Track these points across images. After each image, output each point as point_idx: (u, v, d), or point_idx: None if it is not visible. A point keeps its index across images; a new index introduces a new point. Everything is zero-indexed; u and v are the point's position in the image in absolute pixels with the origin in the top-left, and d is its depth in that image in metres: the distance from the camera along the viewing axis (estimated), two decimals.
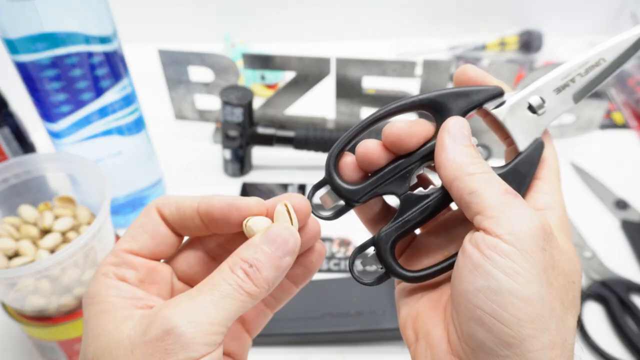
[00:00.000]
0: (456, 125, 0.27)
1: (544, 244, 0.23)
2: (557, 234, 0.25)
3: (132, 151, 0.61)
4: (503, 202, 0.24)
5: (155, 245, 0.27)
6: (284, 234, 0.25)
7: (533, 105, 0.28)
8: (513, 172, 0.28)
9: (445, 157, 0.26)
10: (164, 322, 0.22)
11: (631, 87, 0.87)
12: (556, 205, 0.27)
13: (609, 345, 0.53)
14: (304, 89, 0.73)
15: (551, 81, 0.28)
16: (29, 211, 0.49)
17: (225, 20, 1.01)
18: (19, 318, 0.48)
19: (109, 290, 0.25)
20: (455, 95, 0.28)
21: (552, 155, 0.28)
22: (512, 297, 0.23)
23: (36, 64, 0.49)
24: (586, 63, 0.28)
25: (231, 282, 0.24)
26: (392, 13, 1.03)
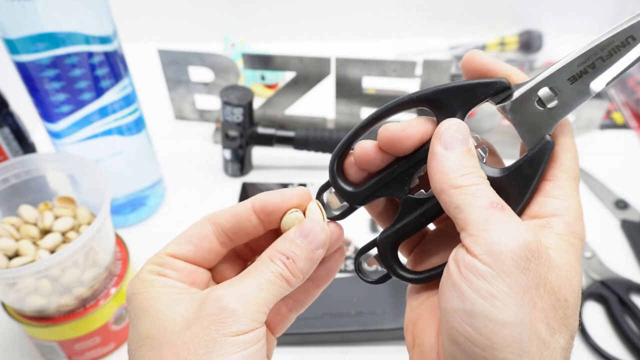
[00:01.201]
0: (449, 130, 0.25)
1: (527, 263, 0.22)
2: (559, 245, 0.23)
3: (132, 151, 0.61)
4: (484, 219, 0.23)
5: (197, 255, 0.28)
6: (316, 228, 0.27)
7: (542, 98, 0.25)
8: (515, 174, 0.25)
9: (434, 167, 0.25)
10: (218, 300, 0.25)
11: (631, 87, 0.87)
12: (567, 211, 0.24)
13: (609, 345, 0.53)
14: (304, 89, 0.73)
15: (565, 68, 0.24)
16: (29, 211, 0.49)
17: (225, 20, 1.01)
18: (19, 318, 0.48)
19: (154, 283, 0.27)
20: (455, 91, 0.26)
21: (569, 153, 0.25)
22: (486, 321, 0.22)
23: (36, 64, 0.49)
24: (610, 44, 0.23)
25: (273, 270, 0.26)
26: (392, 13, 1.03)
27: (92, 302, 0.49)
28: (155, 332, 0.25)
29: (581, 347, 0.53)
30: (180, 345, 0.24)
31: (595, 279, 0.59)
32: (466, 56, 0.26)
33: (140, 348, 0.25)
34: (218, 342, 0.24)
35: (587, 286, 0.58)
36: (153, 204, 0.68)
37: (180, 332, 0.24)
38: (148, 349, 0.25)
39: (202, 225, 0.29)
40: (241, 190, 0.72)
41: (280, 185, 0.72)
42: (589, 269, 0.60)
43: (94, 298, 0.49)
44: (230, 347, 0.24)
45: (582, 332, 0.54)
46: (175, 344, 0.24)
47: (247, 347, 0.24)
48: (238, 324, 0.24)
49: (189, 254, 0.28)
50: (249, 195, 0.71)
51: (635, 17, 0.23)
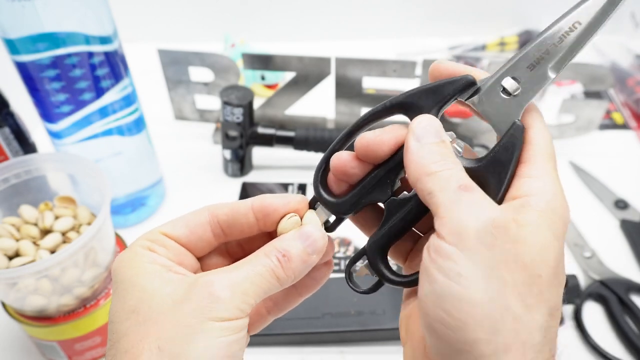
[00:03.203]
0: (421, 124, 0.26)
1: (492, 239, 0.22)
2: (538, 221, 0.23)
3: (132, 151, 0.61)
4: (452, 200, 0.23)
5: (189, 239, 0.29)
6: (316, 234, 0.28)
7: (506, 87, 0.26)
8: (492, 162, 0.26)
9: (409, 158, 0.25)
10: (208, 285, 0.25)
11: (631, 87, 0.87)
12: (543, 190, 0.24)
13: (609, 345, 0.53)
14: (304, 89, 0.73)
15: (523, 58, 0.26)
16: (30, 211, 0.49)
17: (225, 20, 1.01)
18: (19, 318, 0.48)
19: (143, 258, 0.27)
20: (423, 93, 0.27)
21: (541, 134, 0.26)
22: (455, 301, 0.22)
23: (36, 64, 0.49)
24: (559, 31, 0.26)
25: (265, 264, 0.27)
26: (392, 13, 1.03)
27: (93, 302, 0.49)
28: (142, 308, 0.25)
29: (581, 347, 0.54)
30: (166, 323, 0.25)
31: (595, 278, 0.59)
32: (431, 67, 0.28)
33: (125, 321, 0.25)
34: (203, 324, 0.24)
35: (587, 286, 0.58)
36: (153, 204, 0.68)
37: (167, 311, 0.25)
38: (133, 323, 0.25)
39: (200, 212, 0.29)
40: (241, 190, 0.72)
41: (281, 185, 0.72)
42: (588, 269, 0.60)
43: (94, 298, 0.49)
44: (214, 331, 0.24)
45: (582, 332, 0.54)
46: (161, 321, 0.25)
47: (230, 335, 0.25)
48: (224, 310, 0.25)
49: (182, 236, 0.29)
50: (249, 195, 0.71)
51: (579, 4, 0.25)
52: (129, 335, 0.25)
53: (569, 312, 0.56)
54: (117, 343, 0.25)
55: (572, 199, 0.74)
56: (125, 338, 0.25)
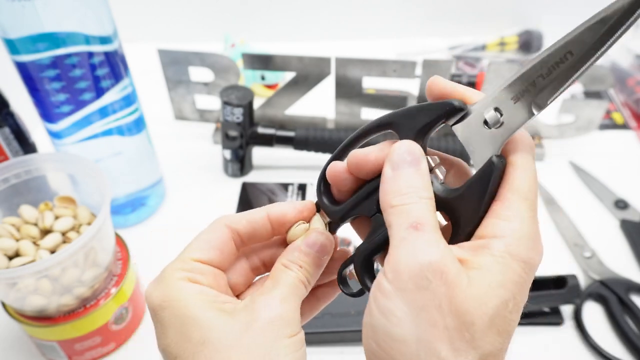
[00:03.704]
0: (399, 151, 0.26)
1: (426, 282, 0.22)
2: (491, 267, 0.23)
3: (132, 151, 0.61)
4: (401, 237, 0.24)
5: (220, 259, 0.30)
6: (320, 238, 0.30)
7: (487, 119, 0.25)
8: (464, 196, 0.25)
9: (381, 187, 0.26)
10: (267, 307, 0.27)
11: (631, 87, 0.87)
12: (510, 232, 0.23)
13: (609, 345, 0.53)
14: (304, 89, 0.73)
15: (508, 88, 0.24)
16: (30, 211, 0.49)
17: (225, 20, 1.01)
18: (19, 318, 0.48)
19: (189, 290, 0.28)
20: (410, 115, 0.27)
21: (521, 172, 0.24)
22: (385, 336, 0.23)
23: (36, 64, 0.49)
24: (549, 60, 0.23)
25: (293, 276, 0.29)
26: (392, 13, 1.03)
27: (93, 302, 0.49)
28: (211, 339, 0.26)
29: (581, 347, 0.54)
30: (242, 349, 0.26)
31: (595, 278, 0.59)
32: (428, 83, 0.27)
33: (198, 353, 0.26)
34: (275, 343, 0.26)
35: (587, 286, 0.58)
36: (153, 204, 0.68)
37: (238, 338, 0.26)
38: (208, 353, 0.26)
39: (219, 229, 0.30)
40: (241, 190, 0.72)
41: (281, 185, 0.72)
42: (588, 269, 0.60)
43: (94, 298, 0.49)
44: (288, 347, 0.26)
45: (582, 332, 0.54)
46: (236, 348, 0.26)
47: (300, 348, 0.27)
48: (289, 327, 0.27)
49: (215, 258, 0.30)
50: (249, 195, 0.71)
51: (571, 33, 0.23)
52: None
53: (569, 312, 0.56)
54: None
55: (572, 199, 0.74)
56: None
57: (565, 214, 0.67)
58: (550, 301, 0.55)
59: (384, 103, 0.74)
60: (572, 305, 0.56)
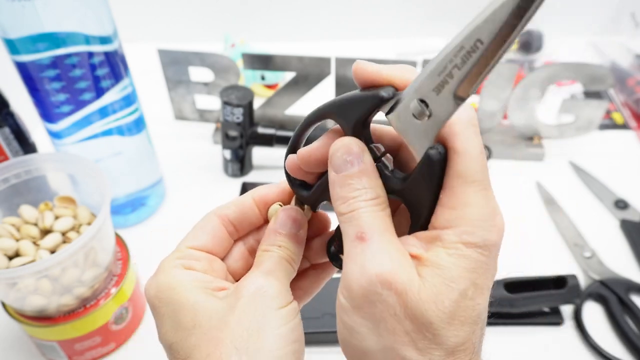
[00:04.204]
0: (337, 153, 0.26)
1: (377, 296, 0.23)
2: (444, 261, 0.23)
3: (132, 151, 0.61)
4: (348, 251, 0.24)
5: (213, 244, 0.31)
6: (289, 213, 0.30)
7: (414, 112, 0.24)
8: (407, 189, 0.25)
9: (331, 192, 0.26)
10: (253, 282, 0.28)
11: (631, 87, 0.87)
12: (459, 221, 0.23)
13: (609, 345, 0.53)
14: (304, 89, 0.73)
15: (427, 79, 0.23)
16: (30, 211, 0.49)
17: (225, 20, 1.01)
18: (19, 318, 0.48)
19: (183, 277, 0.28)
20: (345, 106, 0.26)
21: (462, 157, 0.23)
22: (353, 350, 0.24)
23: (36, 64, 0.49)
24: (461, 50, 0.22)
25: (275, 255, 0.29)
26: (392, 13, 1.03)
27: (93, 302, 0.49)
28: (202, 321, 0.27)
29: (581, 347, 0.54)
30: (233, 326, 0.26)
31: (594, 278, 0.59)
32: (353, 68, 0.26)
33: (190, 337, 0.27)
34: (265, 317, 0.26)
35: (587, 286, 0.58)
36: (153, 204, 0.68)
37: (229, 317, 0.26)
38: (200, 337, 0.26)
39: (210, 218, 0.31)
40: (241, 190, 0.72)
41: None
42: (588, 269, 0.60)
43: (94, 298, 0.49)
44: (277, 319, 0.26)
45: (582, 332, 0.54)
46: (227, 327, 0.26)
47: (291, 320, 0.27)
48: (278, 298, 0.27)
49: (206, 243, 0.30)
50: None
51: (477, 18, 0.21)
52: (200, 347, 0.26)
53: (569, 312, 0.56)
54: (189, 358, 0.26)
55: (572, 199, 0.74)
56: (197, 350, 0.26)
57: (565, 214, 0.67)
58: (550, 301, 0.55)
59: None
60: (572, 305, 0.56)
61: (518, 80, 0.72)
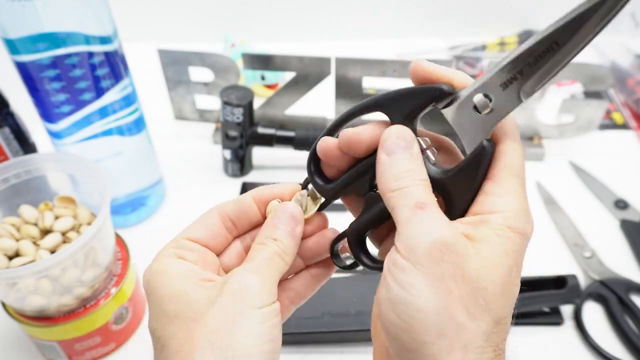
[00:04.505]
0: (391, 138, 0.27)
1: (441, 255, 0.24)
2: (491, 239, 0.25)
3: (132, 151, 0.61)
4: (408, 217, 0.25)
5: (209, 237, 0.32)
6: (288, 209, 0.31)
7: (477, 104, 0.26)
8: (457, 177, 0.27)
9: (378, 172, 0.27)
10: (238, 279, 0.28)
11: (631, 87, 0.87)
12: (505, 207, 0.25)
13: (609, 345, 0.53)
14: (304, 89, 0.73)
15: (496, 75, 0.25)
16: (30, 211, 0.49)
17: (225, 20, 1.01)
18: (19, 318, 0.48)
19: (173, 266, 0.29)
20: (399, 97, 0.27)
21: (511, 152, 0.26)
22: (406, 308, 0.24)
23: (36, 64, 0.49)
24: (536, 49, 0.24)
25: (268, 250, 0.30)
26: (392, 13, 1.03)
27: (93, 302, 0.49)
28: (182, 311, 0.27)
29: (581, 347, 0.54)
30: (209, 320, 0.27)
31: (595, 278, 0.59)
32: (411, 65, 0.28)
33: (169, 326, 0.27)
34: (243, 315, 0.27)
35: (587, 286, 0.58)
36: (153, 204, 0.68)
37: (207, 310, 0.27)
38: (177, 326, 0.27)
39: (210, 213, 0.32)
40: (241, 190, 0.72)
41: None
42: (588, 269, 0.60)
43: (94, 298, 0.49)
44: (255, 318, 0.27)
45: (582, 332, 0.54)
46: (204, 319, 0.27)
47: (269, 320, 0.27)
48: (259, 297, 0.27)
49: (202, 237, 0.31)
50: None
51: (557, 22, 0.23)
52: (176, 337, 0.27)
53: (569, 312, 0.56)
54: (165, 347, 0.27)
55: (572, 199, 0.74)
56: (173, 340, 0.27)
57: (565, 214, 0.67)
58: (550, 301, 0.55)
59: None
60: (572, 305, 0.56)
61: None
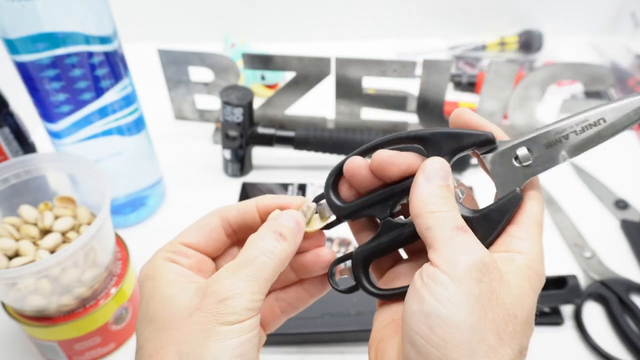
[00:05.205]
0: (433, 166, 0.28)
1: (480, 275, 0.25)
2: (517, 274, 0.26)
3: (132, 151, 0.61)
4: (449, 237, 0.26)
5: (207, 242, 0.32)
6: (295, 215, 0.31)
7: (519, 156, 0.28)
8: (484, 217, 0.28)
9: (415, 194, 0.28)
10: (218, 294, 0.27)
11: (631, 87, 0.87)
12: (528, 250, 0.27)
13: (609, 345, 0.53)
14: (304, 89, 0.73)
15: (543, 135, 0.28)
16: (29, 211, 0.49)
17: (225, 20, 1.01)
18: (19, 318, 0.48)
19: (165, 269, 0.30)
20: (447, 136, 0.29)
21: (537, 204, 0.28)
22: (440, 322, 0.24)
23: (36, 64, 0.49)
24: (584, 121, 0.27)
25: (266, 253, 0.29)
26: (392, 13, 1.03)
27: (92, 302, 0.49)
28: (160, 316, 0.28)
29: (581, 347, 0.54)
30: (182, 329, 0.27)
31: (595, 278, 0.59)
32: (454, 113, 0.29)
33: (146, 329, 0.28)
34: (215, 329, 0.26)
35: (587, 286, 0.58)
36: (153, 204, 0.68)
37: (183, 319, 0.27)
38: (152, 331, 0.28)
39: (211, 217, 0.32)
40: (241, 190, 0.72)
41: (280, 185, 0.72)
42: (588, 269, 0.60)
43: (94, 298, 0.49)
44: (226, 334, 0.26)
45: (582, 332, 0.54)
46: (178, 328, 0.27)
47: (241, 335, 0.27)
48: (235, 314, 0.27)
49: (200, 242, 0.31)
50: (249, 195, 0.71)
51: (610, 103, 0.27)
52: (151, 342, 0.27)
53: (569, 312, 0.56)
54: (141, 349, 0.28)
55: (572, 199, 0.74)
56: (148, 344, 0.27)
57: (565, 214, 0.67)
58: (551, 301, 0.55)
59: (384, 103, 0.74)
60: (572, 306, 0.56)
61: (518, 80, 0.72)
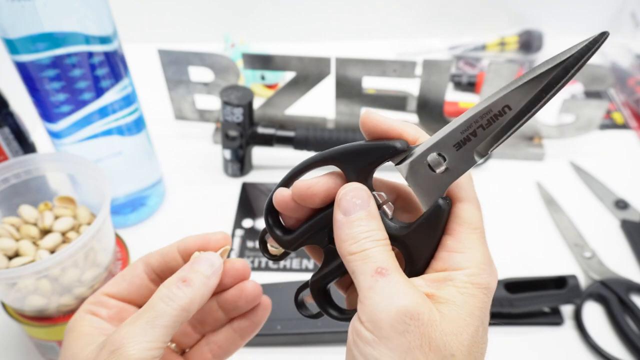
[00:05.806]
0: (346, 197, 0.26)
1: (405, 326, 0.23)
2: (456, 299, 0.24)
3: (132, 151, 0.61)
4: (369, 286, 0.24)
5: (131, 291, 0.33)
6: (210, 258, 0.31)
7: (430, 163, 0.26)
8: (415, 233, 0.26)
9: (335, 234, 0.27)
10: (111, 344, 0.27)
11: (631, 87, 0.87)
12: (468, 263, 0.25)
13: (609, 345, 0.53)
14: (304, 89, 0.73)
15: (450, 135, 0.25)
16: (29, 211, 0.49)
17: (225, 20, 1.01)
18: (19, 318, 0.48)
19: (83, 322, 0.31)
20: (354, 154, 0.27)
21: (469, 208, 0.26)
22: None
23: (36, 64, 0.49)
24: (488, 112, 0.24)
25: (164, 299, 0.28)
26: (392, 13, 1.03)
27: None
28: None
29: (581, 347, 0.54)
30: None
31: (595, 279, 0.59)
32: (361, 117, 0.27)
33: None
34: None
35: (587, 286, 0.58)
36: (153, 204, 0.68)
37: None
38: None
39: (135, 264, 0.33)
40: (241, 190, 0.72)
41: None
42: (589, 269, 0.60)
43: None
44: None
45: (582, 332, 0.54)
46: None
47: None
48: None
49: (123, 291, 0.33)
50: (249, 195, 0.71)
51: (510, 86, 0.23)
52: None
53: (569, 312, 0.56)
54: None
55: (572, 199, 0.74)
56: None
57: (565, 214, 0.67)
58: (551, 301, 0.55)
59: (384, 103, 0.74)
60: (572, 306, 0.56)
61: None
